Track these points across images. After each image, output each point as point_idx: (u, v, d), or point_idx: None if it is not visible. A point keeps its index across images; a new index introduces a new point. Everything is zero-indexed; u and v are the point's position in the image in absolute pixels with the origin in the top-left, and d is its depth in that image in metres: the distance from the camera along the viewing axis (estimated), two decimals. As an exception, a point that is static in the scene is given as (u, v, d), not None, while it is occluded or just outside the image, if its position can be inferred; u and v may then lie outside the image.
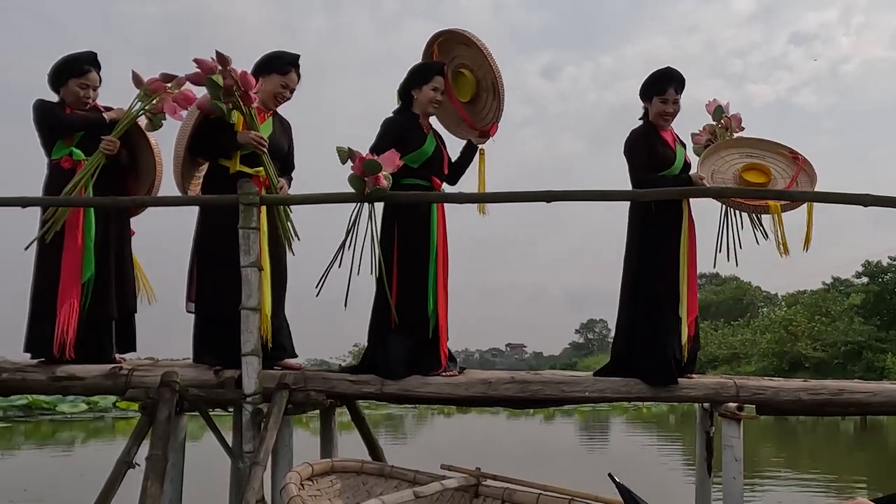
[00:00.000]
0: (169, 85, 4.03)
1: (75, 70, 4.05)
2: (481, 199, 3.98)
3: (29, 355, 3.99)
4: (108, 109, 4.15)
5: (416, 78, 4.04)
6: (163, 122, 4.08)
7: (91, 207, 3.96)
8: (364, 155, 3.63)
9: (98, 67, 4.13)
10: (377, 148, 3.84)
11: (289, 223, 3.92)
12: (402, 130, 3.98)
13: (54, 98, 4.11)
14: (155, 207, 4.20)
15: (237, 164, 3.91)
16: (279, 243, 3.94)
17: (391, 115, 4.09)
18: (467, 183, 4.23)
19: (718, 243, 4.14)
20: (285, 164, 4.19)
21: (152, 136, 4.23)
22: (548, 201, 3.80)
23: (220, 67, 3.72)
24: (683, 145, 4.19)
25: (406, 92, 4.06)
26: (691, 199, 3.94)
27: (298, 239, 3.97)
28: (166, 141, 4.24)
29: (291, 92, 4.08)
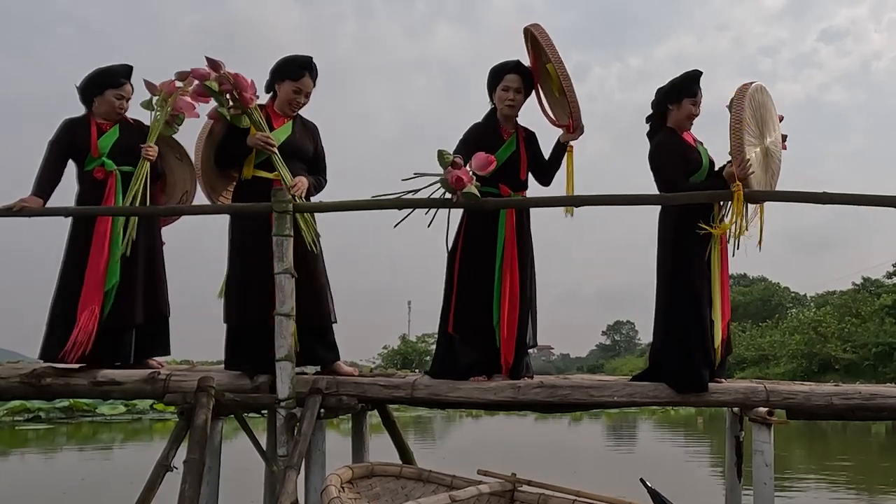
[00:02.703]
0: (180, 84, 4.12)
1: (113, 82, 4.15)
2: (508, 204, 3.98)
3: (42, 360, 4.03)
4: (138, 122, 4.26)
5: (490, 82, 4.09)
6: (179, 123, 4.20)
7: (118, 217, 4.03)
8: (464, 176, 3.54)
9: (130, 79, 4.21)
10: (457, 152, 3.84)
11: (310, 227, 3.92)
12: (479, 137, 4.02)
13: (82, 110, 4.21)
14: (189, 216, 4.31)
15: (251, 170, 3.97)
16: (309, 249, 3.95)
17: (480, 120, 4.13)
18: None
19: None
20: (313, 166, 4.21)
21: (185, 148, 4.33)
22: (577, 206, 3.84)
23: (213, 73, 3.79)
24: (702, 144, 4.17)
25: (490, 98, 4.12)
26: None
27: (319, 246, 4.00)
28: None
29: (307, 96, 4.08)
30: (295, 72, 4.01)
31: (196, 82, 3.88)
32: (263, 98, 4.11)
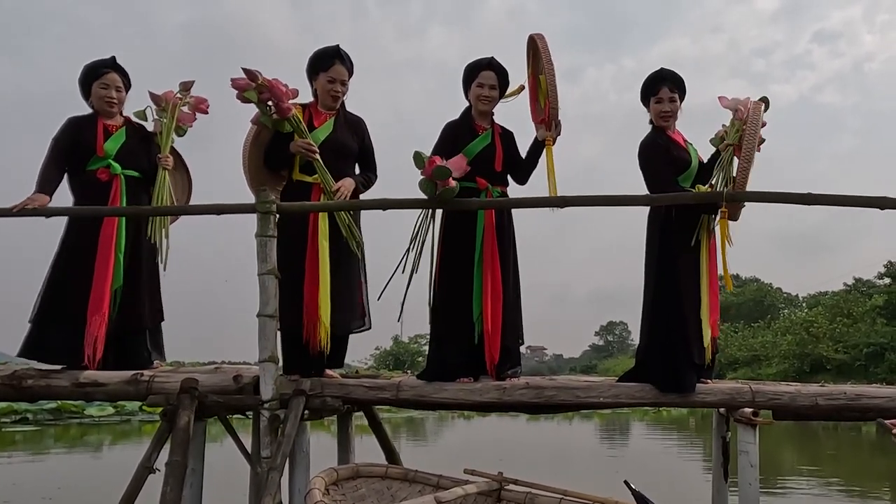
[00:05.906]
0: (178, 94, 4.18)
1: (94, 74, 4.15)
2: (493, 205, 3.95)
3: (27, 359, 4.02)
4: (141, 126, 4.27)
5: (465, 79, 4.12)
6: (181, 135, 4.25)
7: (123, 219, 4.04)
8: (436, 159, 3.59)
9: (118, 70, 4.19)
10: (435, 151, 3.87)
11: (351, 228, 3.91)
12: (453, 132, 4.05)
13: (73, 110, 4.20)
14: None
15: (297, 173, 3.98)
16: (343, 251, 3.93)
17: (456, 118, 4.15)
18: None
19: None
20: (362, 162, 4.20)
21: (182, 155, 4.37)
22: (562, 207, 3.82)
23: (251, 83, 3.78)
24: (692, 144, 4.16)
25: (465, 95, 4.14)
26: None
27: (361, 244, 3.99)
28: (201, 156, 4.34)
29: (342, 84, 4.05)
30: (324, 62, 4.02)
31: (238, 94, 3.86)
32: (307, 96, 4.09)
